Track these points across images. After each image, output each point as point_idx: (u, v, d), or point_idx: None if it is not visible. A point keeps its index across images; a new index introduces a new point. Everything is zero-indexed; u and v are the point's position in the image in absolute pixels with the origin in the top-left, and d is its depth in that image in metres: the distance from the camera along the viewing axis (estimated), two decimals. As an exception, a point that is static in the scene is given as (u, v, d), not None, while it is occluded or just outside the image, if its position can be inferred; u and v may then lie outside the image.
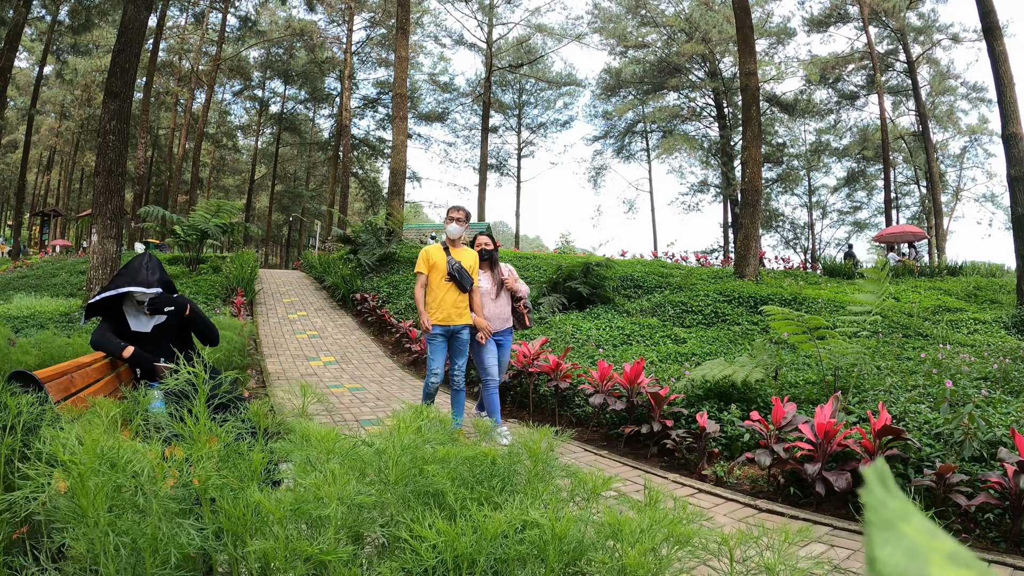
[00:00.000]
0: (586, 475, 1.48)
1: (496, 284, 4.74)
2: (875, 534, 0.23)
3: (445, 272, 4.41)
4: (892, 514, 0.25)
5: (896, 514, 0.25)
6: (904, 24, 25.40)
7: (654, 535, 1.22)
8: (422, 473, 1.36)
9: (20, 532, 1.39)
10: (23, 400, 1.55)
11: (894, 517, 0.24)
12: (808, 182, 34.58)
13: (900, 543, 0.23)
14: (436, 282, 4.42)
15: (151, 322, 3.00)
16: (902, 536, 0.23)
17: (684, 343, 7.42)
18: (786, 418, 3.59)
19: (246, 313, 10.30)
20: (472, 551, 1.10)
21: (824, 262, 15.76)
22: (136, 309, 2.97)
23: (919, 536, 0.24)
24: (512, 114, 34.71)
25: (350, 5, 29.24)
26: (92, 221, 8.86)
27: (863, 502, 0.25)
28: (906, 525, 0.24)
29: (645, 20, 29.13)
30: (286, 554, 1.13)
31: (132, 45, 8.99)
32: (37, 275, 14.84)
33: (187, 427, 1.36)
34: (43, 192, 39.50)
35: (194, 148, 28.48)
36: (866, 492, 0.25)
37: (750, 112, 11.67)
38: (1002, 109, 9.08)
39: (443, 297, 4.38)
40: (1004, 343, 7.07)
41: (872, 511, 0.24)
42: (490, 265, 4.80)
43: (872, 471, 0.26)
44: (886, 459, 3.08)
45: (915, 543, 0.23)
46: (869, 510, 0.24)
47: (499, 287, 4.74)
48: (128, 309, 2.98)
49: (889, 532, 0.23)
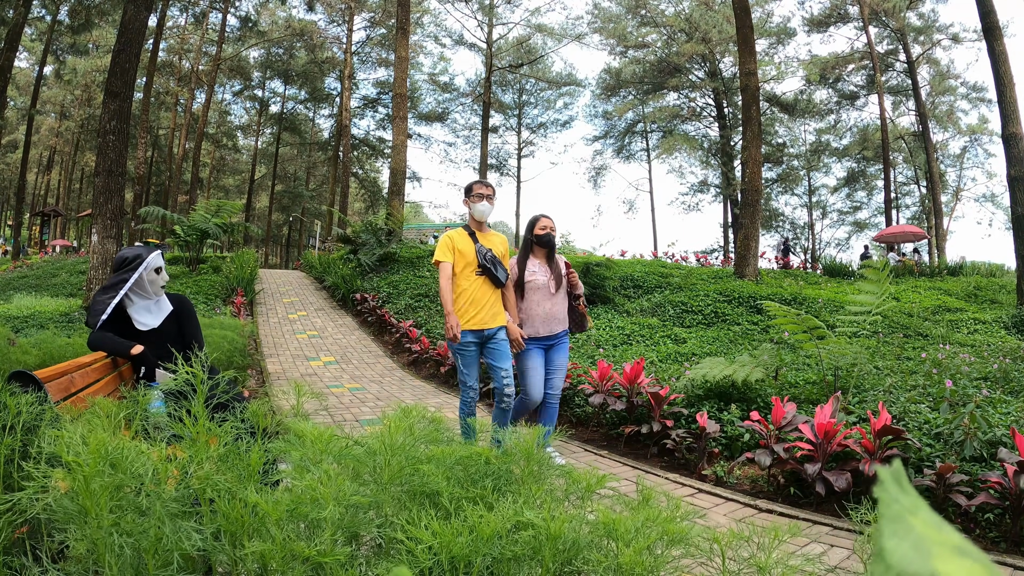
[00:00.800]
0: (580, 474, 1.48)
1: (555, 278, 3.89)
2: (885, 526, 0.24)
3: (475, 263, 3.59)
4: (902, 508, 0.25)
5: (906, 508, 0.25)
6: (904, 24, 25.40)
7: (648, 534, 1.22)
8: (416, 473, 1.37)
9: (20, 532, 1.39)
10: (23, 400, 1.55)
11: (904, 511, 0.25)
12: (808, 182, 34.60)
13: (908, 535, 0.24)
14: (464, 276, 3.59)
15: (159, 316, 2.97)
16: (910, 529, 0.24)
17: (684, 343, 7.43)
18: (786, 418, 3.59)
19: (246, 313, 10.31)
20: (468, 552, 1.10)
21: (824, 262, 15.77)
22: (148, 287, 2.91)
23: (926, 529, 0.24)
24: (512, 114, 34.71)
25: (350, 5, 29.24)
26: (92, 221, 8.86)
27: (877, 497, 0.26)
28: (915, 519, 0.25)
29: (645, 20, 29.14)
30: (283, 555, 1.13)
31: (132, 45, 8.99)
32: (37, 275, 14.85)
33: (186, 427, 1.37)
34: (43, 192, 39.51)
35: (194, 148, 28.47)
36: (880, 489, 0.26)
37: (750, 112, 11.68)
38: (1002, 109, 9.08)
39: (475, 295, 3.56)
40: (1004, 343, 7.08)
41: (884, 505, 0.25)
42: (548, 255, 3.97)
43: (888, 471, 0.27)
44: (886, 459, 3.08)
45: (922, 536, 0.24)
46: (882, 504, 0.25)
47: (558, 281, 3.90)
48: (133, 307, 2.93)
49: (898, 525, 0.24)
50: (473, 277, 3.56)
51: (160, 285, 2.95)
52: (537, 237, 3.87)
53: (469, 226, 3.72)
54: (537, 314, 3.80)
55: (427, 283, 11.17)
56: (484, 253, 3.59)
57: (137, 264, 2.85)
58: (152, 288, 2.93)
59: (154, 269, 2.91)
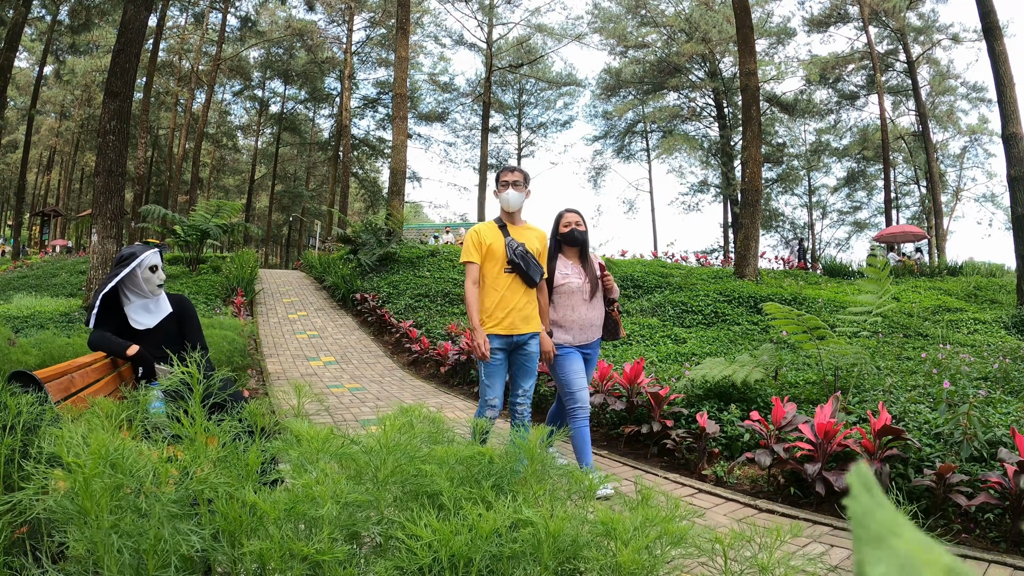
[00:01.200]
0: (581, 474, 1.48)
1: (591, 280, 3.44)
2: (865, 552, 0.22)
3: (504, 259, 3.13)
4: (881, 528, 0.23)
5: (886, 528, 0.23)
6: (904, 24, 25.40)
7: (647, 533, 1.22)
8: (420, 473, 1.37)
9: (20, 532, 1.39)
10: (23, 400, 1.55)
11: (884, 531, 0.23)
12: (808, 182, 34.59)
13: (893, 560, 0.21)
14: (493, 275, 3.15)
15: (157, 316, 2.97)
16: (894, 552, 0.22)
17: (684, 343, 7.43)
18: (786, 418, 3.59)
19: (246, 313, 10.31)
20: (467, 549, 1.11)
21: (824, 262, 15.77)
22: (144, 285, 2.91)
23: (913, 550, 0.22)
24: (512, 114, 34.72)
25: (350, 5, 29.25)
26: (92, 221, 8.86)
27: (848, 513, 0.23)
28: (897, 539, 0.23)
29: (645, 20, 29.14)
30: (282, 554, 1.13)
31: (132, 45, 9.00)
32: (37, 275, 14.85)
33: (184, 427, 1.37)
34: (43, 192, 39.51)
35: (194, 148, 28.47)
36: (851, 501, 0.24)
37: (750, 112, 11.68)
38: (1002, 109, 9.08)
39: (504, 296, 3.12)
40: (1004, 343, 7.07)
41: (859, 526, 0.23)
42: (581, 254, 3.50)
43: (855, 477, 0.24)
44: (886, 459, 3.08)
45: (909, 558, 0.22)
46: (856, 524, 0.23)
47: (594, 285, 3.44)
48: (131, 306, 2.94)
49: (880, 549, 0.22)
50: (503, 276, 3.12)
51: (156, 284, 2.94)
52: (562, 235, 3.45)
53: (500, 218, 3.29)
54: (573, 320, 3.39)
55: (427, 283, 11.17)
56: (515, 247, 3.12)
57: (130, 260, 2.85)
58: (148, 287, 2.92)
59: (149, 267, 2.90)
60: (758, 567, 1.24)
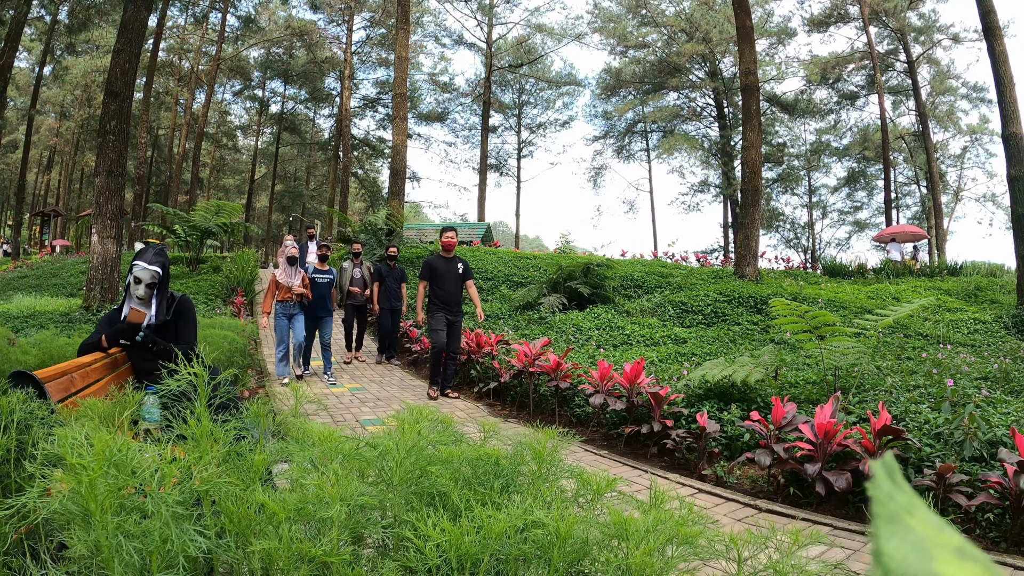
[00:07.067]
0: (590, 476, 1.48)
1: None
2: (882, 528, 0.23)
3: None
4: (899, 508, 0.24)
5: (903, 508, 0.24)
6: (904, 24, 25.39)
7: (659, 535, 1.22)
8: (425, 474, 1.37)
9: (20, 532, 1.39)
10: (14, 399, 1.55)
11: (901, 511, 0.24)
12: (808, 182, 34.56)
13: (907, 537, 0.23)
14: None
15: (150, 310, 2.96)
16: (909, 530, 0.23)
17: (684, 343, 7.42)
18: (786, 418, 3.59)
19: (246, 313, 10.30)
20: (476, 550, 1.10)
21: (824, 262, 15.75)
22: (132, 292, 2.93)
23: (926, 530, 0.23)
24: (512, 114, 34.68)
25: (350, 5, 29.23)
26: (92, 221, 8.86)
27: (870, 495, 0.25)
28: (913, 519, 0.24)
29: (645, 20, 29.13)
30: (290, 555, 1.13)
31: (132, 45, 8.99)
32: (37, 275, 14.82)
33: (187, 428, 1.36)
34: (43, 192, 39.49)
35: (194, 148, 28.45)
36: (873, 486, 0.25)
37: (750, 112, 11.67)
38: (1002, 109, 9.08)
39: None
40: (1004, 343, 7.07)
41: (879, 505, 0.24)
42: None
43: (880, 465, 0.26)
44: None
45: (922, 537, 0.23)
46: (876, 504, 0.24)
47: None
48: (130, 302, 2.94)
49: (896, 526, 0.23)
50: None
51: (137, 297, 2.92)
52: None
53: None
54: None
55: (427, 283, 11.15)
56: None
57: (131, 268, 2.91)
58: (135, 294, 2.94)
59: (134, 279, 2.91)
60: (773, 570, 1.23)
